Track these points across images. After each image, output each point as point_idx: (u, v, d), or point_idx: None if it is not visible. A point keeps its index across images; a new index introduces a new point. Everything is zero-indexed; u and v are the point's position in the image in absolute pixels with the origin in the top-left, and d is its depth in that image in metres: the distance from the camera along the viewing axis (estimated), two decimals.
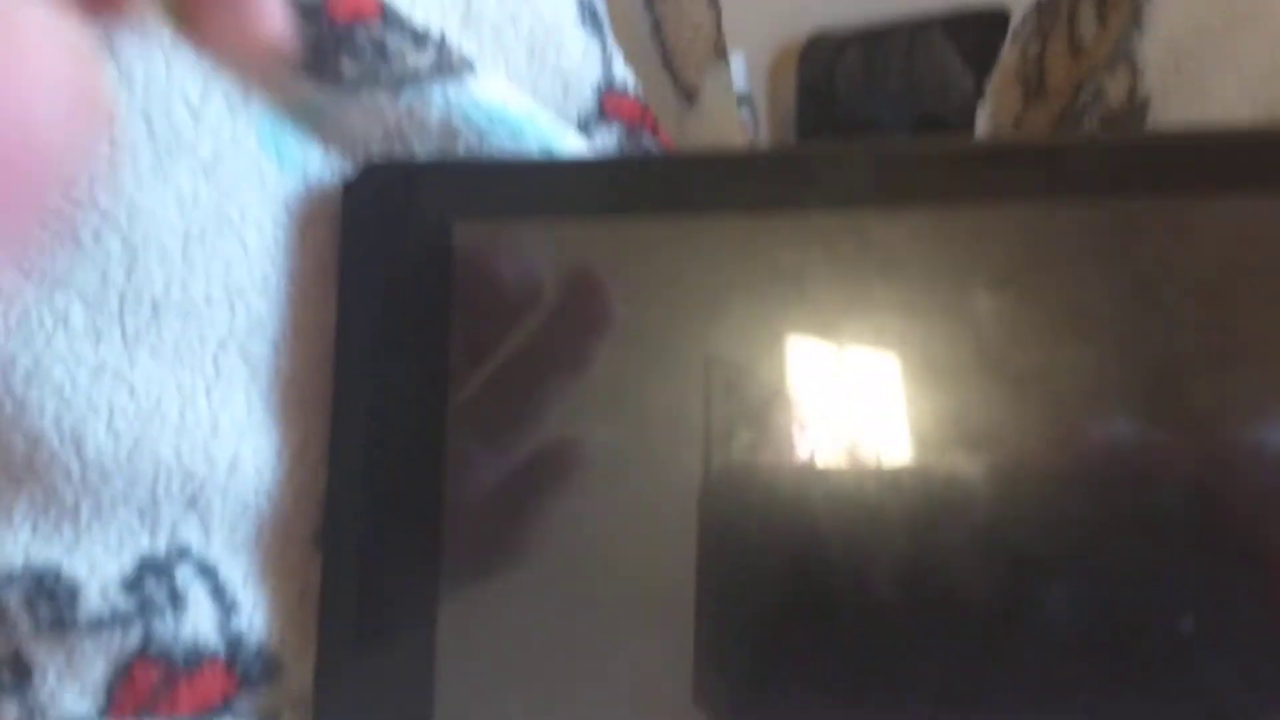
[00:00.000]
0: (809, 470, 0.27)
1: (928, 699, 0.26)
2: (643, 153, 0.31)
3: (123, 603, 0.27)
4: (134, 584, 0.27)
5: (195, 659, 0.27)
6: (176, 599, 0.27)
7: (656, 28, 0.43)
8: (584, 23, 0.31)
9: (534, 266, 0.28)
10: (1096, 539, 0.26)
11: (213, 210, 0.27)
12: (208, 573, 0.27)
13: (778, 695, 0.26)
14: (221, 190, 0.28)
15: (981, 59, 2.79)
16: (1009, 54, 0.39)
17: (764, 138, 2.77)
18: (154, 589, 0.27)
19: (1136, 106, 0.32)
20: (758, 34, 2.70)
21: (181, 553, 0.27)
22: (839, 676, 0.26)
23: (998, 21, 3.00)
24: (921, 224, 0.27)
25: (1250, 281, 0.27)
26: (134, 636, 0.27)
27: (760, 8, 2.71)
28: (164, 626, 0.27)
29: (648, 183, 0.29)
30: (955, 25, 2.94)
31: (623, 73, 0.32)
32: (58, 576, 0.27)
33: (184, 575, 0.27)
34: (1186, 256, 0.27)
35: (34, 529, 0.27)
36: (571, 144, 0.29)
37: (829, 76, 2.65)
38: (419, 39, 0.28)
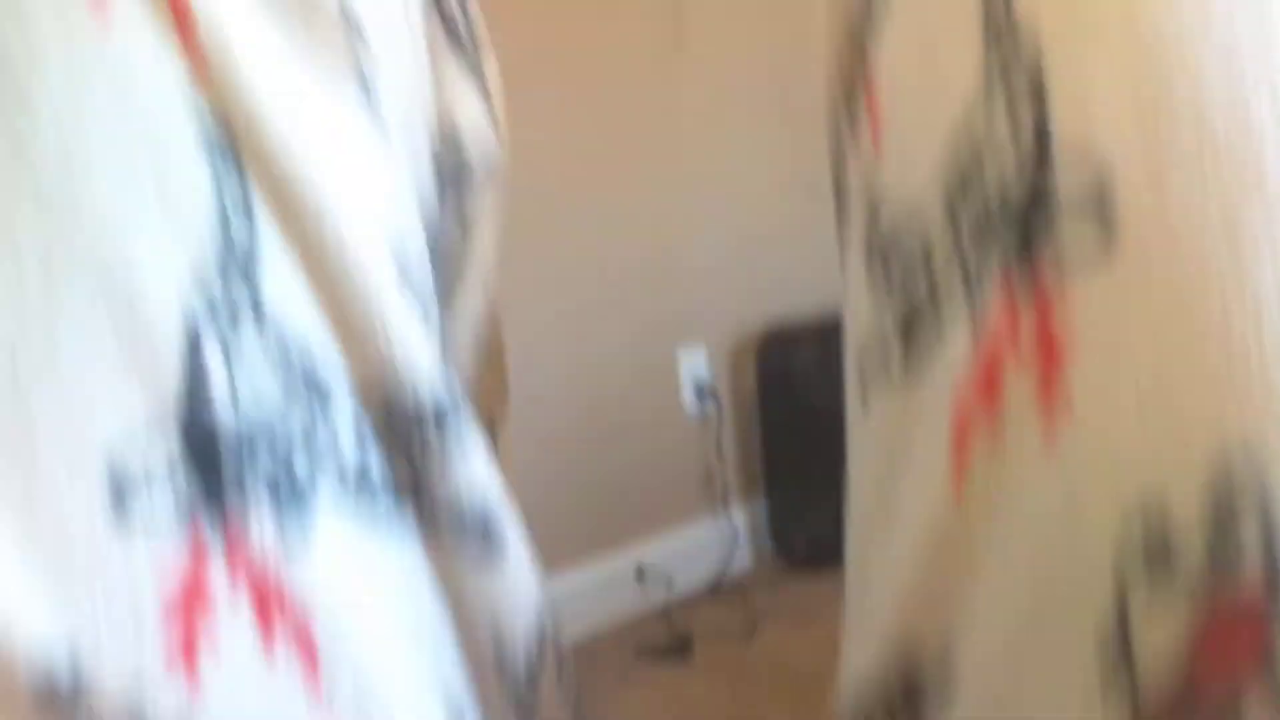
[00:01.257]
0: None
1: None
2: None
3: None
4: None
5: None
6: None
7: None
8: None
9: None
10: None
11: None
12: None
13: None
14: None
15: None
16: None
17: (727, 425, 2.73)
18: None
19: None
20: (718, 328, 2.71)
21: None
22: None
23: None
24: None
25: None
26: None
27: (718, 303, 2.69)
28: None
29: None
30: None
31: None
32: None
33: None
34: None
35: None
36: None
37: (786, 367, 2.78)
38: None
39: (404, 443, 0.42)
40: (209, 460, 0.37)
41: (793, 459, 2.71)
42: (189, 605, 0.35)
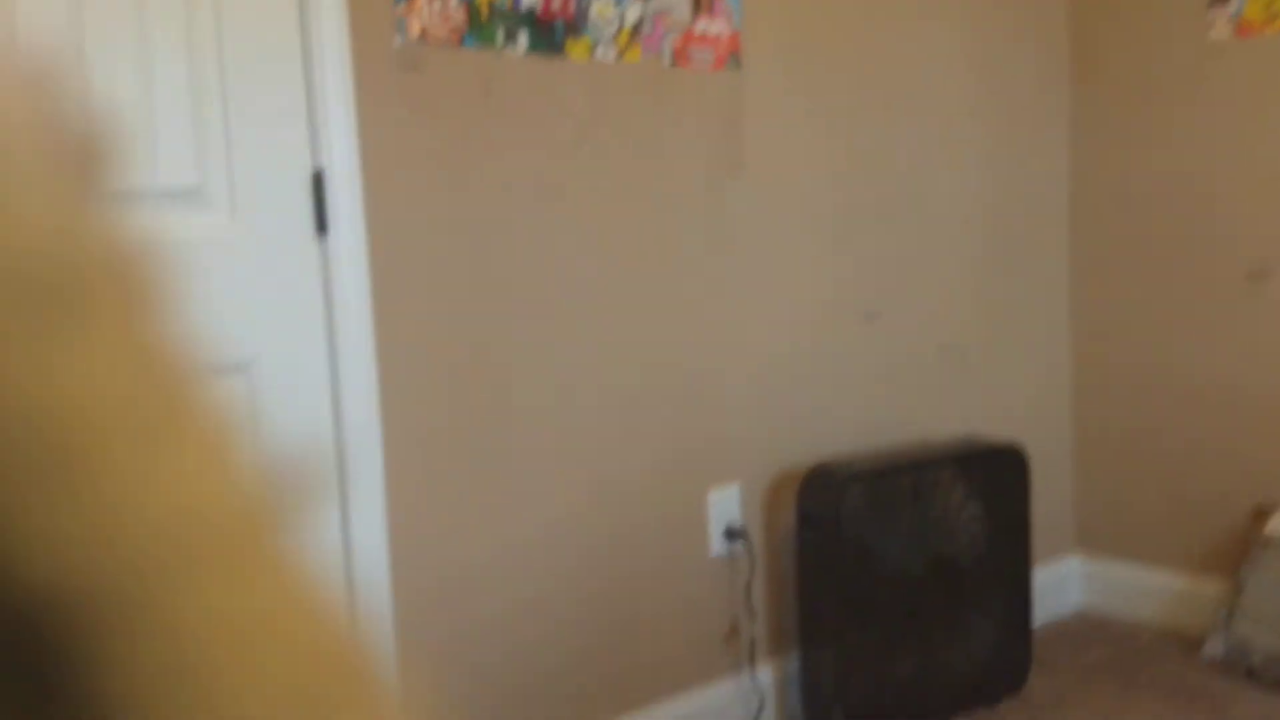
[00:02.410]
0: None
1: None
2: None
3: None
4: None
5: None
6: None
7: None
8: None
9: None
10: None
11: None
12: None
13: None
14: None
15: (993, 497, 2.96)
16: None
17: (759, 572, 2.69)
18: None
19: None
20: (752, 465, 2.55)
21: None
22: None
23: (1011, 459, 3.21)
24: None
25: None
26: None
27: (755, 437, 2.65)
28: None
29: None
30: (965, 463, 3.11)
31: None
32: None
33: None
34: None
35: None
36: None
37: (834, 508, 2.68)
38: None
39: None
40: None
41: (832, 613, 2.42)
42: None
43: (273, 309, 1.89)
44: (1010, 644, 2.65)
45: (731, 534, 2.49)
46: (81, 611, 0.29)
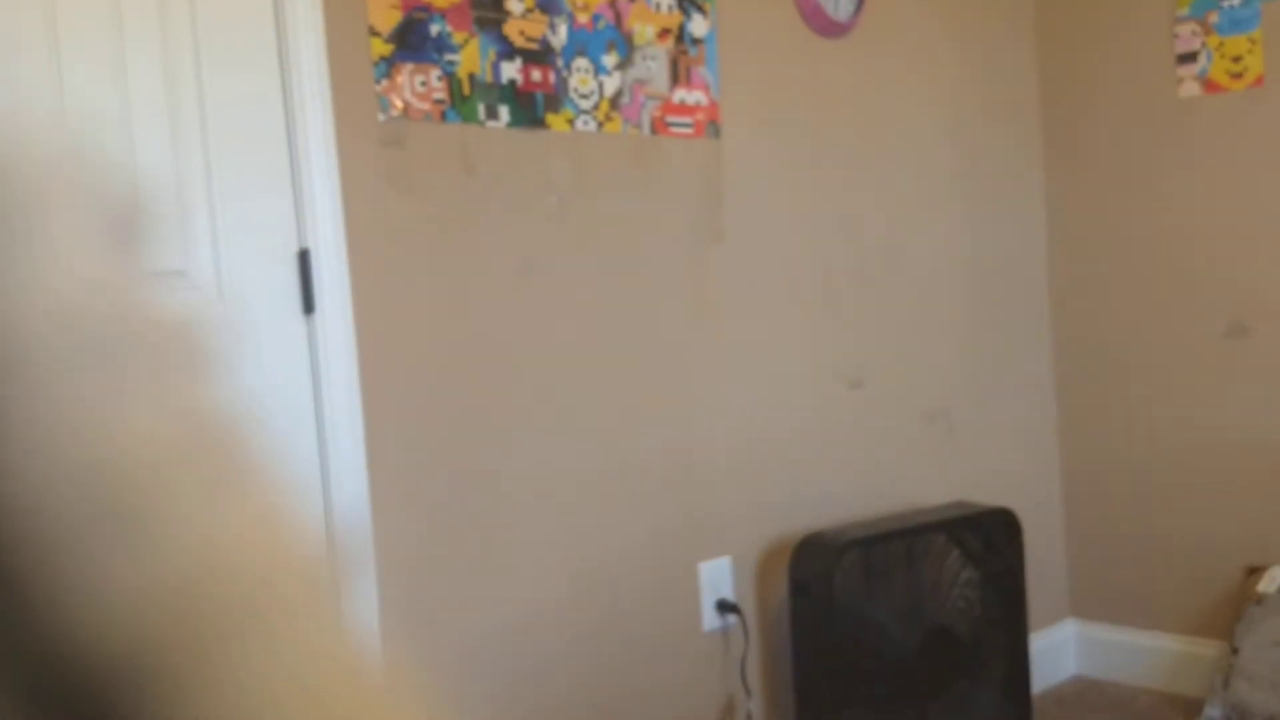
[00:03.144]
0: None
1: None
2: None
3: None
4: None
5: None
6: None
7: None
8: None
9: None
10: None
11: None
12: None
13: None
14: None
15: (987, 562, 2.91)
16: None
17: (753, 646, 2.70)
18: None
19: None
20: (743, 537, 2.57)
21: None
22: None
23: (1003, 523, 3.17)
24: None
25: None
26: None
27: (745, 508, 2.54)
28: None
29: None
30: (958, 528, 3.07)
31: None
32: None
33: None
34: None
35: None
36: None
37: (827, 577, 2.63)
38: None
39: None
40: None
41: (829, 686, 2.36)
42: None
43: (260, 390, 1.85)
44: (1010, 713, 2.60)
45: (724, 607, 2.44)
46: (143, 667, 0.28)
